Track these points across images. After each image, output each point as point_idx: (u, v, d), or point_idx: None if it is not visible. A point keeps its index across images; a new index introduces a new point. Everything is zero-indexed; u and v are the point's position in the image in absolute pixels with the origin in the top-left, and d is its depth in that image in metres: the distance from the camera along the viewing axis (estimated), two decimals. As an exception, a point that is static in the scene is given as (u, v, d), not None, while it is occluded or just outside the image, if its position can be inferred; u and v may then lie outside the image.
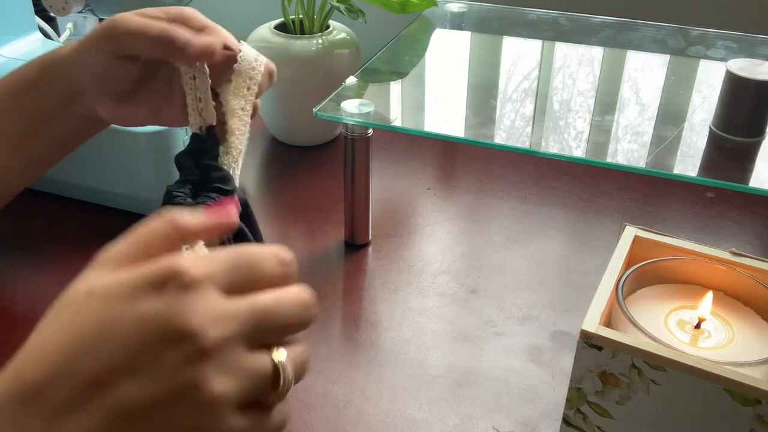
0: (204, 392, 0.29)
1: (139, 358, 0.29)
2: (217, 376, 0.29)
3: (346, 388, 0.57)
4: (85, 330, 0.29)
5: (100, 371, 0.29)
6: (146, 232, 0.32)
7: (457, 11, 0.96)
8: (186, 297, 0.29)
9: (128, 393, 0.29)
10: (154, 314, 0.29)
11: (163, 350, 0.29)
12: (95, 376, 0.29)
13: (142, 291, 0.29)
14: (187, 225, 0.33)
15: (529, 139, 0.68)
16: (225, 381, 0.30)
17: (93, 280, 0.31)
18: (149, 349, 0.29)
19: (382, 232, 0.76)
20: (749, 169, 0.66)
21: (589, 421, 0.46)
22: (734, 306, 0.48)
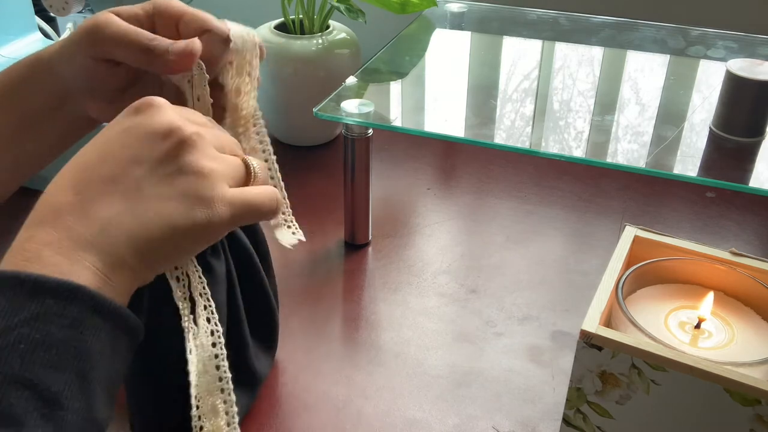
0: (197, 166, 0.38)
1: (136, 152, 0.38)
2: (203, 158, 0.39)
3: (346, 388, 0.57)
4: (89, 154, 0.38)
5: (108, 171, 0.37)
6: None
7: (457, 11, 0.96)
8: (159, 110, 0.39)
9: (139, 175, 0.37)
10: (135, 122, 0.39)
11: (156, 143, 0.38)
12: (107, 175, 0.37)
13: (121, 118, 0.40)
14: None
15: (529, 139, 0.68)
16: (211, 162, 0.39)
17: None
18: (144, 145, 0.38)
19: (382, 232, 0.76)
20: (749, 169, 0.66)
21: (589, 421, 0.46)
22: (734, 306, 0.48)
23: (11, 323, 0.32)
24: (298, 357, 0.60)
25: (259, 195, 0.42)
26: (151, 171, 0.38)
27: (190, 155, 0.38)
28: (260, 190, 0.42)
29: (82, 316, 0.33)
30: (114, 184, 0.37)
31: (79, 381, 0.33)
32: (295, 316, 0.64)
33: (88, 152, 0.39)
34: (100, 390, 0.34)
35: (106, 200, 0.36)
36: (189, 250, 0.40)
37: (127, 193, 0.37)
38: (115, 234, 0.36)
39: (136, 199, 0.37)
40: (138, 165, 0.37)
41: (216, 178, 0.39)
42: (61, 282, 0.33)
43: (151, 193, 0.37)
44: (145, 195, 0.37)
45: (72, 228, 0.35)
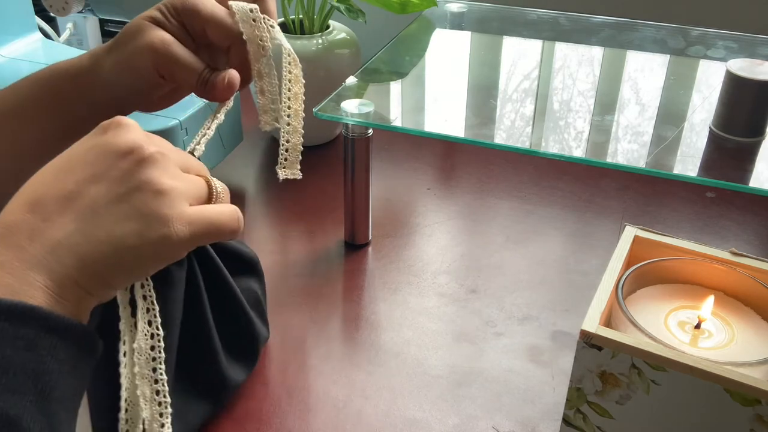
0: (156, 184, 0.38)
1: (96, 171, 0.37)
2: (164, 175, 0.38)
3: (346, 388, 0.57)
4: (48, 172, 0.38)
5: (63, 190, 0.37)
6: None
7: (457, 11, 0.96)
8: (123, 129, 0.39)
9: (95, 194, 0.37)
10: (100, 141, 0.39)
11: (116, 161, 0.38)
12: (61, 194, 0.37)
13: (87, 137, 0.40)
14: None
15: (529, 139, 0.68)
16: (171, 180, 0.39)
17: None
18: (103, 163, 0.38)
19: (382, 232, 0.76)
20: (749, 169, 0.66)
21: (589, 421, 0.46)
22: (734, 306, 0.48)
23: None
24: (298, 357, 0.60)
25: (220, 214, 0.41)
26: (108, 189, 0.37)
27: (150, 173, 0.38)
28: (221, 209, 0.42)
29: (38, 337, 0.33)
30: (69, 202, 0.36)
31: (40, 402, 0.32)
32: (295, 316, 0.64)
33: (49, 170, 0.38)
34: (61, 408, 0.33)
35: (59, 219, 0.36)
36: (147, 268, 0.39)
37: (81, 212, 0.36)
38: (64, 254, 0.35)
39: (90, 219, 0.36)
40: (95, 183, 0.37)
41: (175, 196, 0.38)
42: (13, 303, 0.33)
43: (105, 212, 0.37)
44: (99, 214, 0.37)
45: (24, 248, 0.35)
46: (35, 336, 0.33)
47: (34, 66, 0.77)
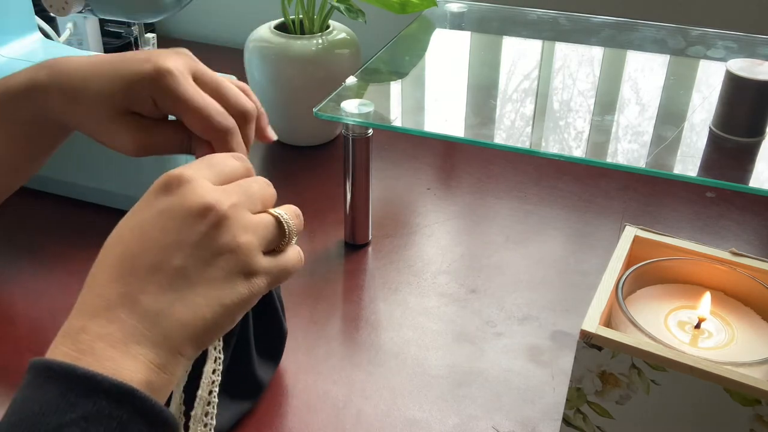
0: (234, 243, 0.38)
1: (177, 238, 0.37)
2: (240, 232, 0.39)
3: (346, 388, 0.57)
4: (128, 239, 0.38)
5: (152, 259, 0.37)
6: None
7: (457, 11, 0.96)
8: (190, 187, 0.39)
9: (183, 261, 0.37)
10: (171, 205, 0.38)
11: (194, 225, 0.38)
12: (151, 263, 0.37)
13: (152, 198, 0.39)
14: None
15: (529, 139, 0.68)
16: (247, 234, 0.39)
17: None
18: (182, 228, 0.38)
19: (382, 232, 0.76)
20: (749, 169, 0.66)
21: (589, 421, 0.46)
22: (734, 306, 0.48)
23: (63, 420, 0.32)
24: (298, 357, 0.60)
25: (290, 260, 0.43)
26: (193, 255, 0.38)
27: (227, 233, 0.38)
28: (291, 256, 0.43)
29: (131, 420, 0.33)
30: (160, 273, 0.37)
31: None
32: (295, 316, 0.64)
33: (127, 239, 0.38)
34: None
35: (154, 290, 0.36)
36: (233, 322, 0.40)
37: (174, 280, 0.37)
38: (168, 325, 0.36)
39: (184, 286, 0.37)
40: (179, 250, 0.37)
41: (252, 251, 0.39)
42: (116, 384, 0.33)
43: (197, 278, 0.37)
44: (191, 281, 0.37)
45: (125, 321, 0.36)
46: (128, 418, 0.33)
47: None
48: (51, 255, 0.71)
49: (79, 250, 0.71)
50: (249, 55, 0.88)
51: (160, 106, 0.48)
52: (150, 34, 0.79)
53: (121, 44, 1.15)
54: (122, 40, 1.15)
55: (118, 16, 0.74)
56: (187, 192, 0.38)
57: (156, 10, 0.73)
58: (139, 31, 0.78)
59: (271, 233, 0.41)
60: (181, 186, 0.39)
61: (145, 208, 0.39)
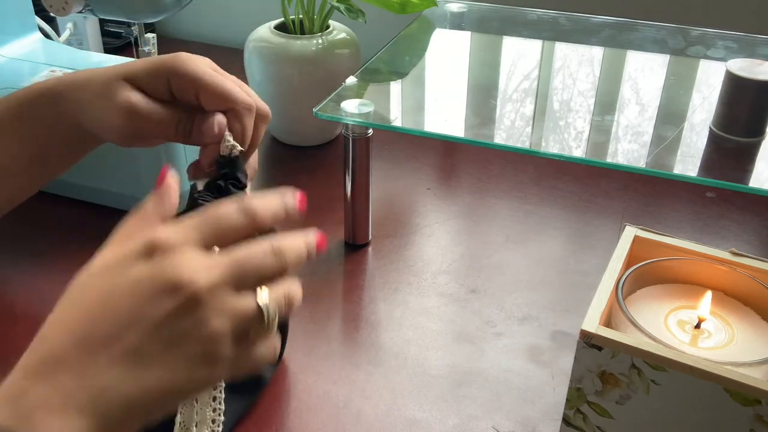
0: (204, 330, 0.35)
1: (141, 312, 0.34)
2: (213, 316, 0.35)
3: (346, 388, 0.57)
4: (93, 301, 0.35)
5: (111, 329, 0.34)
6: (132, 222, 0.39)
7: (457, 11, 0.96)
8: (171, 257, 0.35)
9: (143, 337, 0.34)
10: (146, 275, 0.35)
11: (162, 302, 0.34)
12: (109, 333, 0.34)
13: (131, 260, 0.35)
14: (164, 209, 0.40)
15: (529, 139, 0.68)
16: (220, 320, 0.35)
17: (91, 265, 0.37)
18: (149, 303, 0.34)
19: (382, 232, 0.76)
20: (749, 169, 0.66)
21: (589, 421, 0.46)
22: (734, 306, 0.48)
23: None
24: (298, 357, 0.60)
25: (261, 356, 0.39)
26: (154, 335, 0.34)
27: (196, 317, 0.35)
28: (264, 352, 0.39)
29: None
30: (115, 346, 0.34)
31: None
32: (295, 316, 0.64)
33: (91, 299, 0.35)
34: None
35: (105, 363, 0.34)
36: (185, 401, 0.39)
37: (128, 357, 0.34)
38: (113, 401, 0.34)
39: (138, 365, 0.34)
40: (140, 327, 0.34)
41: (221, 340, 0.36)
42: None
43: (153, 359, 0.34)
44: (147, 361, 0.34)
45: (68, 388, 0.33)
46: None
47: (34, 66, 0.78)
48: (51, 255, 0.71)
49: (79, 250, 0.71)
50: (249, 55, 0.88)
51: (175, 88, 0.49)
52: (150, 34, 0.79)
53: (121, 44, 1.15)
54: (122, 40, 1.15)
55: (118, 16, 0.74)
56: (166, 263, 0.35)
57: (156, 10, 0.73)
58: (139, 31, 0.78)
59: (249, 323, 0.37)
60: (164, 254, 0.35)
61: (121, 267, 0.35)
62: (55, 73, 0.77)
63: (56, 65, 0.77)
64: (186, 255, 0.35)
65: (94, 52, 0.95)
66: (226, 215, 0.38)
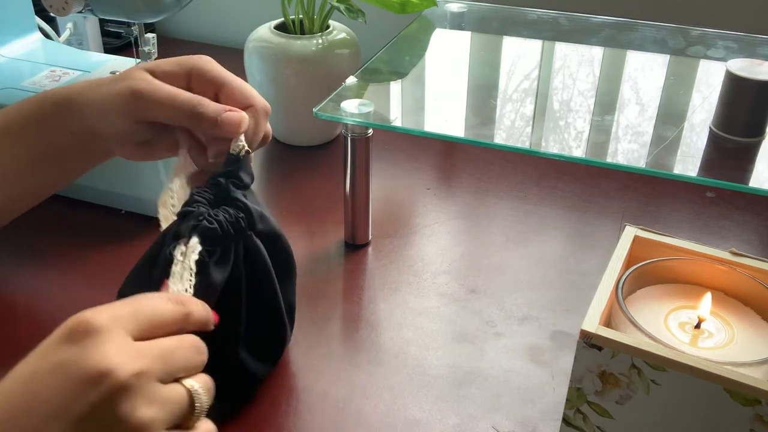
0: (133, 421, 0.32)
1: (64, 405, 0.31)
2: (141, 405, 0.32)
3: (346, 388, 0.57)
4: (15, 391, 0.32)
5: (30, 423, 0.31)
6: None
7: (457, 11, 0.96)
8: (96, 342, 0.32)
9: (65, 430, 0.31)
10: (68, 360, 0.32)
11: (86, 391, 0.31)
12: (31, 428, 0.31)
13: (55, 344, 0.33)
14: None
15: (529, 139, 0.68)
16: (150, 409, 0.33)
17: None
18: (72, 394, 0.31)
19: (382, 232, 0.76)
20: (749, 169, 0.66)
21: (589, 421, 0.46)
22: (734, 306, 0.48)
23: None
24: (298, 357, 0.60)
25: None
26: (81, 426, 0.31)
27: (124, 406, 0.32)
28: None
29: None
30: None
31: None
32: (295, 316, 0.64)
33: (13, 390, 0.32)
34: None
35: None
36: None
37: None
38: None
39: None
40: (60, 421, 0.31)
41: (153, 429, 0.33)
42: None
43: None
44: None
45: None
46: None
47: (34, 66, 0.78)
48: (51, 255, 0.71)
49: (79, 250, 0.71)
50: (249, 55, 0.88)
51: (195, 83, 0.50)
52: (150, 34, 0.79)
53: (121, 44, 1.15)
54: (122, 40, 1.15)
55: (118, 16, 0.74)
56: (90, 348, 0.32)
57: (156, 10, 0.72)
58: (139, 31, 0.78)
59: (181, 408, 0.35)
60: (86, 337, 0.32)
61: (44, 354, 0.33)
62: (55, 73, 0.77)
63: (56, 65, 0.77)
64: (112, 341, 0.33)
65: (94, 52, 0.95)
66: (156, 303, 0.36)
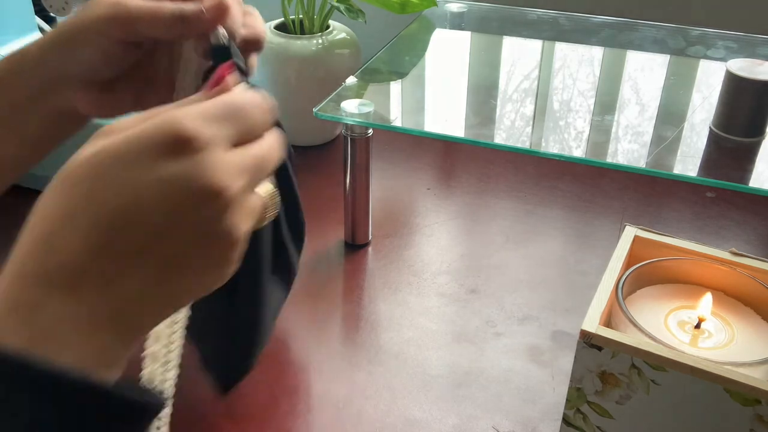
0: (234, 235, 0.33)
1: (175, 221, 0.31)
2: (242, 221, 0.33)
3: (346, 388, 0.57)
4: (111, 201, 0.30)
5: (138, 238, 0.30)
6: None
7: (457, 11, 0.96)
8: (202, 159, 0.31)
9: (173, 245, 0.31)
10: (176, 178, 0.30)
11: (196, 209, 0.31)
12: (136, 243, 0.30)
13: (156, 155, 0.31)
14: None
15: (529, 139, 0.68)
16: (247, 223, 0.34)
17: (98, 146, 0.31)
18: (181, 210, 0.31)
19: (382, 232, 0.76)
20: (749, 169, 0.66)
21: (589, 421, 0.46)
22: (734, 306, 0.48)
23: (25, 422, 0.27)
24: (298, 357, 0.60)
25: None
26: (190, 243, 0.31)
27: (229, 221, 0.32)
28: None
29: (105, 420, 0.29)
30: (147, 257, 0.31)
31: None
32: (295, 316, 0.64)
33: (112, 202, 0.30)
34: None
35: (133, 272, 0.31)
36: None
37: (162, 269, 0.31)
38: (136, 311, 0.31)
39: (171, 276, 0.32)
40: (175, 236, 0.31)
41: (244, 241, 0.34)
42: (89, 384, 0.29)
43: (187, 267, 0.32)
44: (181, 270, 0.32)
45: (92, 302, 0.30)
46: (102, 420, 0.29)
47: (34, 66, 0.77)
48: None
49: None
50: (249, 55, 0.88)
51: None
52: (150, 34, 0.79)
53: (121, 44, 1.15)
54: (122, 40, 1.15)
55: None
56: (199, 165, 0.31)
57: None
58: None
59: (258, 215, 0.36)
60: (193, 154, 0.31)
61: (140, 166, 0.30)
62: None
63: (56, 65, 0.77)
64: (218, 156, 0.32)
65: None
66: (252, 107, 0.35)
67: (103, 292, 0.30)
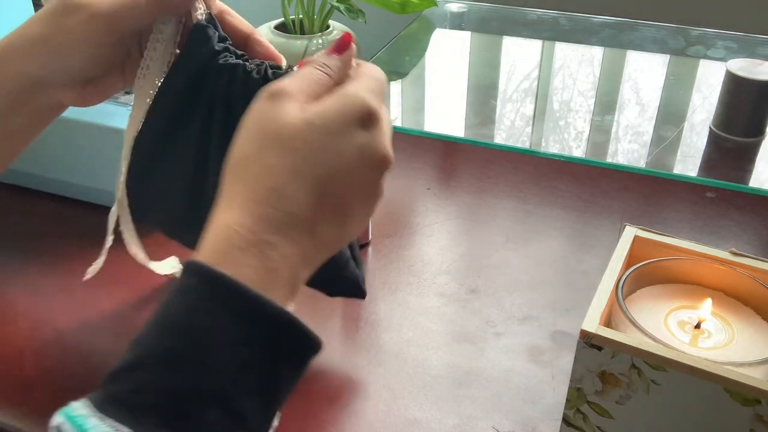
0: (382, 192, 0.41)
1: (365, 178, 0.39)
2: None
3: (346, 388, 0.57)
4: (326, 163, 0.37)
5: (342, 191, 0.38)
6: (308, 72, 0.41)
7: (457, 11, 0.96)
8: (381, 129, 0.39)
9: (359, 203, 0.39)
10: (367, 145, 0.38)
11: (378, 170, 0.39)
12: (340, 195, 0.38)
13: (354, 126, 0.38)
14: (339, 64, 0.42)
15: (529, 139, 0.68)
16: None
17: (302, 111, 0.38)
18: (371, 171, 0.39)
19: (382, 232, 0.76)
20: (749, 169, 0.66)
21: (589, 421, 0.46)
22: (734, 306, 0.48)
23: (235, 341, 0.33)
24: (298, 357, 0.60)
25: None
26: (367, 197, 0.40)
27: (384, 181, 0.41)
28: None
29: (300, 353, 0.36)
30: (341, 208, 0.38)
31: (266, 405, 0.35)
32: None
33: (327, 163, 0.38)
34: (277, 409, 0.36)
35: (329, 221, 0.38)
36: None
37: (347, 218, 0.39)
38: (326, 253, 0.39)
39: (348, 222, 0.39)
40: (360, 192, 0.39)
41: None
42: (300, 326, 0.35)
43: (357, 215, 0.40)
44: (354, 218, 0.39)
45: (304, 246, 0.37)
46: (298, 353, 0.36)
47: (34, 66, 0.77)
48: (51, 255, 0.71)
49: (79, 250, 0.71)
50: (249, 55, 0.88)
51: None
52: (150, 34, 0.79)
53: (121, 44, 1.15)
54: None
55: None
56: (379, 135, 0.39)
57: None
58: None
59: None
60: (376, 125, 0.39)
61: (342, 135, 0.38)
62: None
63: (56, 65, 0.77)
64: (389, 128, 0.40)
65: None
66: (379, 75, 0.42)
67: (312, 236, 0.37)
